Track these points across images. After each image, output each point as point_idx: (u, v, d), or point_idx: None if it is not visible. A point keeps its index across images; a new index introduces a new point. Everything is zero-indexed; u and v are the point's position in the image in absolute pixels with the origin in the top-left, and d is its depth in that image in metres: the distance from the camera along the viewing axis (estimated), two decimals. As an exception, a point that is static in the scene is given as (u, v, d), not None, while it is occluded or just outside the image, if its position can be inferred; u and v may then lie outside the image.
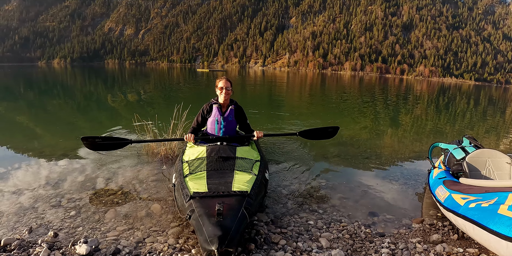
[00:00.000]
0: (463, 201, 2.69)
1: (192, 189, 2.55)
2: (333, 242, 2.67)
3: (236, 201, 2.34)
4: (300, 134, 4.23)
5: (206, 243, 1.98)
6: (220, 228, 2.01)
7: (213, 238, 1.96)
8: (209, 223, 2.07)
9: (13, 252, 2.32)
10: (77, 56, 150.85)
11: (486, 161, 3.46)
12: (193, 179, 2.78)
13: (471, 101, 21.26)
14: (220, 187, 2.57)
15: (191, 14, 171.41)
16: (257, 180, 2.81)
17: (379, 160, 5.24)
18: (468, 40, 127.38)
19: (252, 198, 2.48)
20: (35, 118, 8.93)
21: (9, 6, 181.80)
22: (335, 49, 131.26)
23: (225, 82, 3.73)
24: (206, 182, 2.67)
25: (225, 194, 2.43)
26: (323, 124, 7.83)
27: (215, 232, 1.98)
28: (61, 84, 24.57)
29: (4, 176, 3.91)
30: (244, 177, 2.80)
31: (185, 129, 5.08)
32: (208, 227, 2.04)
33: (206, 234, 2.01)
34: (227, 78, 3.82)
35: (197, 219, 2.17)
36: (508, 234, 2.06)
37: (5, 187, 3.56)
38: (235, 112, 3.86)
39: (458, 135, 7.79)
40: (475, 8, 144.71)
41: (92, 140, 3.87)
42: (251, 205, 2.41)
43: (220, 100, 3.79)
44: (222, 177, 2.77)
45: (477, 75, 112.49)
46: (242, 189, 2.54)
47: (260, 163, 3.24)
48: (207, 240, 1.98)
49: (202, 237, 2.03)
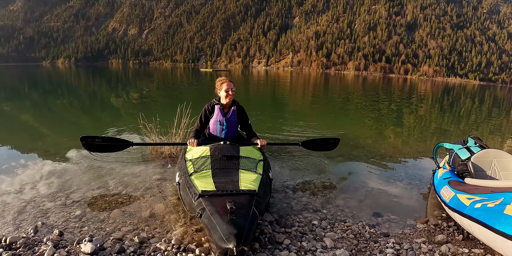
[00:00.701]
0: (469, 201, 2.68)
1: (199, 188, 2.54)
2: (338, 242, 2.66)
3: (246, 200, 2.34)
4: (302, 144, 4.28)
5: (222, 241, 1.96)
6: (235, 227, 2.00)
7: (229, 236, 1.94)
8: (222, 222, 2.06)
9: (19, 250, 2.34)
10: (81, 56, 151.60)
11: (492, 161, 3.43)
12: (199, 177, 2.77)
13: (476, 101, 21.13)
14: (227, 185, 2.57)
15: (195, 14, 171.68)
16: (263, 179, 2.82)
17: (383, 160, 5.21)
18: (472, 39, 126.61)
19: (260, 197, 2.49)
20: (40, 117, 8.99)
21: (14, 7, 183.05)
22: (338, 49, 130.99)
23: (228, 83, 3.67)
24: (213, 181, 2.67)
25: (234, 193, 2.43)
26: (327, 127, 7.82)
27: (231, 231, 1.97)
28: (65, 83, 24.71)
29: (10, 175, 3.93)
30: (250, 177, 2.80)
31: (189, 129, 5.08)
32: (222, 225, 2.03)
33: (221, 232, 1.99)
34: (229, 79, 3.77)
35: (209, 218, 2.16)
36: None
37: (10, 186, 3.59)
38: (237, 113, 3.82)
39: (463, 135, 7.74)
40: (480, 7, 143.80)
41: (91, 140, 3.78)
42: (260, 204, 2.43)
43: (223, 101, 3.75)
44: (228, 176, 2.78)
45: (482, 75, 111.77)
46: (250, 188, 2.55)
47: (264, 163, 3.25)
48: (222, 238, 1.96)
49: (216, 235, 2.02)
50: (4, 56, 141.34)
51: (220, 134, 3.82)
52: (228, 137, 3.82)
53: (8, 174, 3.96)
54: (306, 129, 7.75)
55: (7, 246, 2.38)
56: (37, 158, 4.69)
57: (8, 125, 7.52)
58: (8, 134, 6.36)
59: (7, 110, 9.94)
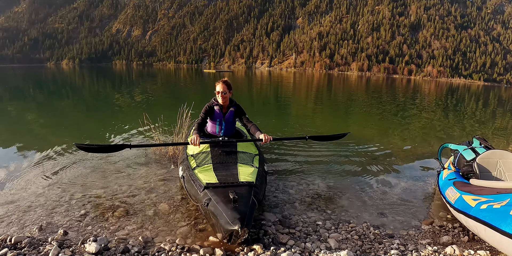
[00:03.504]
0: (474, 202, 2.66)
1: (204, 181, 2.79)
2: (342, 243, 2.65)
3: (245, 191, 2.61)
4: (310, 137, 4.10)
5: (228, 224, 2.27)
6: (238, 212, 2.31)
7: (234, 220, 2.26)
8: (227, 209, 2.35)
9: (24, 249, 2.35)
10: (85, 57, 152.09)
11: (497, 162, 3.40)
12: (202, 171, 3.02)
13: (480, 102, 20.99)
14: (228, 178, 2.84)
15: (198, 15, 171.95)
16: (259, 172, 3.09)
17: (387, 161, 5.19)
18: (477, 40, 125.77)
19: (258, 188, 2.77)
20: (44, 118, 9.03)
21: (19, 8, 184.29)
22: (342, 50, 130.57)
23: (221, 86, 3.72)
24: (215, 174, 2.93)
25: (234, 184, 2.70)
26: (331, 127, 7.79)
27: (235, 216, 2.29)
28: (69, 84, 24.84)
29: (14, 175, 3.96)
30: (248, 170, 3.07)
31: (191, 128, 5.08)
32: (227, 211, 2.33)
33: (227, 217, 2.30)
34: (226, 80, 3.79)
35: (215, 206, 2.44)
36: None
37: (15, 186, 3.61)
38: (235, 113, 3.93)
39: (468, 136, 7.69)
40: (484, 7, 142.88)
41: (87, 146, 3.47)
42: (258, 193, 2.73)
43: (219, 102, 3.84)
44: (227, 170, 3.05)
45: (486, 75, 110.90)
46: (248, 180, 2.81)
47: (259, 157, 3.53)
48: (228, 222, 2.27)
49: (223, 220, 2.32)
50: (9, 57, 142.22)
51: (219, 133, 3.94)
52: (226, 135, 3.92)
53: (12, 174, 3.99)
54: (311, 130, 7.74)
55: (12, 246, 2.39)
56: (41, 158, 4.71)
57: (13, 126, 7.57)
58: (12, 134, 6.40)
59: (12, 111, 10.00)
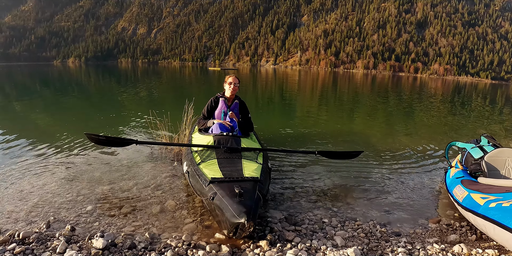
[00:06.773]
0: (483, 200, 2.63)
1: (209, 175, 2.82)
2: (348, 241, 2.64)
3: (250, 186, 2.65)
4: (319, 153, 3.93)
5: (234, 217, 2.30)
6: (244, 206, 2.34)
7: (240, 213, 2.29)
8: (233, 202, 2.38)
9: (32, 245, 2.37)
10: (91, 55, 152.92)
11: (506, 160, 3.36)
12: (206, 166, 3.06)
13: (488, 100, 20.77)
14: (233, 173, 2.88)
15: (203, 13, 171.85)
16: (263, 169, 3.13)
17: (394, 159, 5.16)
18: (484, 37, 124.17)
19: (262, 183, 2.81)
20: (51, 114, 9.10)
21: (26, 7, 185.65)
22: (347, 47, 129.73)
23: (234, 78, 4.20)
24: (220, 169, 2.96)
25: (239, 179, 2.73)
26: (337, 126, 7.77)
27: (241, 209, 2.31)
28: (76, 82, 25.02)
29: (21, 171, 3.99)
30: (252, 165, 3.11)
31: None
32: (233, 205, 2.36)
33: (233, 211, 2.33)
34: (236, 76, 4.28)
35: (221, 200, 2.46)
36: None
37: (22, 182, 3.64)
38: (239, 105, 4.27)
39: (475, 134, 7.61)
40: (492, 4, 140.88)
41: (95, 136, 3.67)
42: (262, 189, 2.77)
43: (227, 94, 4.22)
44: (232, 165, 3.08)
45: (494, 73, 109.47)
46: (253, 175, 2.85)
47: (263, 153, 3.59)
48: (234, 215, 2.30)
49: (229, 213, 2.34)
50: (16, 55, 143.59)
51: None
52: None
53: (20, 170, 4.02)
54: (315, 129, 7.71)
55: (20, 241, 2.42)
56: (48, 154, 4.75)
57: (20, 122, 7.64)
58: (19, 131, 6.45)
59: (19, 108, 10.10)
